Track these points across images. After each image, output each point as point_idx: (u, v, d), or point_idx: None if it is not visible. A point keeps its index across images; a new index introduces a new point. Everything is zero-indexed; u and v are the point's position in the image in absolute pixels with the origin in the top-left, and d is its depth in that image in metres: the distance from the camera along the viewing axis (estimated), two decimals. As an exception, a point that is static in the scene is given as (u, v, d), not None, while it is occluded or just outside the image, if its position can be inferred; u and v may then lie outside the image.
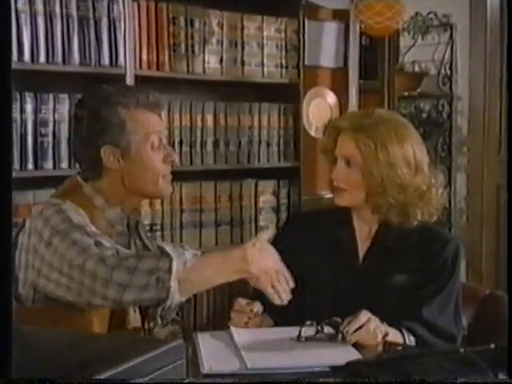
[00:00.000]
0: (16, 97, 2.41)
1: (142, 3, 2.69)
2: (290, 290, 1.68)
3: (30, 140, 2.46)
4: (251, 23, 3.01)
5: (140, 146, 1.77)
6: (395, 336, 1.79)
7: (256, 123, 3.05)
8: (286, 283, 1.67)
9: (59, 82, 2.59)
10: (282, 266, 1.68)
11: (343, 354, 1.61)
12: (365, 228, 1.99)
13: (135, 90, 1.84)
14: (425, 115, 4.09)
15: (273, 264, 1.66)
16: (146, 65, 2.70)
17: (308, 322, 1.72)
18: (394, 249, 1.94)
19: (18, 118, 2.42)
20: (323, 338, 1.70)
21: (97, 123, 1.75)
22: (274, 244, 2.13)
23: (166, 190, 1.83)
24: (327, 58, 3.28)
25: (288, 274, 1.68)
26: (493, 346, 1.53)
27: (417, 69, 4.08)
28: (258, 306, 1.84)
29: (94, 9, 2.55)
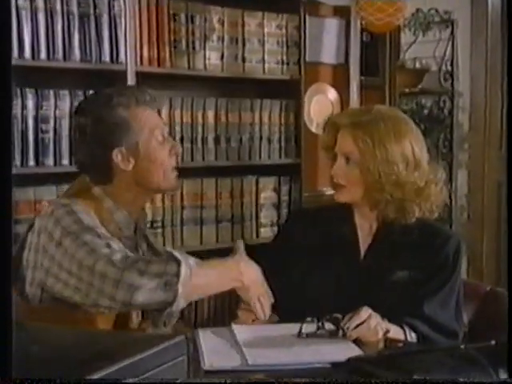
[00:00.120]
0: (17, 93, 2.41)
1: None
2: (271, 306, 1.77)
3: (30, 136, 2.45)
4: (252, 19, 3.00)
5: (147, 143, 1.77)
6: (396, 332, 1.79)
7: (257, 120, 3.04)
8: (268, 298, 1.76)
9: (60, 79, 2.59)
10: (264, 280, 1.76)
11: (344, 351, 1.61)
12: (366, 224, 1.99)
13: (132, 88, 1.84)
14: (426, 111, 4.08)
15: (259, 277, 1.75)
16: (146, 61, 2.70)
17: (309, 319, 1.72)
18: (395, 245, 1.94)
19: (19, 114, 2.42)
20: (324, 334, 1.70)
21: (102, 128, 1.75)
22: (275, 241, 2.14)
23: (176, 182, 1.85)
24: (328, 54, 3.28)
25: (269, 290, 1.77)
26: (493, 342, 1.52)
27: (418, 65, 4.07)
28: None
29: (95, 5, 2.55)
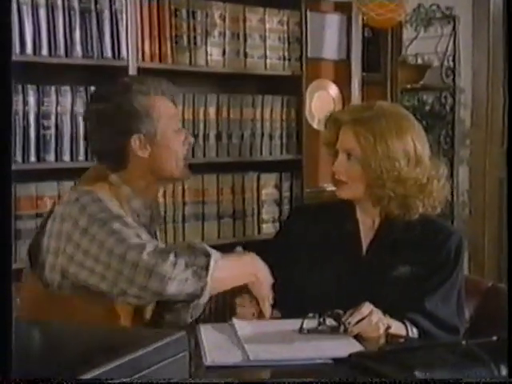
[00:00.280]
0: (18, 89, 2.41)
1: (144, -5, 2.69)
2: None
3: (32, 132, 2.45)
4: (253, 15, 3.00)
5: (164, 131, 1.78)
6: (398, 328, 1.79)
7: (258, 116, 3.04)
8: (271, 298, 1.79)
9: (61, 75, 2.59)
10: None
11: (345, 346, 1.61)
12: (368, 220, 1.99)
13: (150, 78, 1.85)
14: (428, 107, 4.08)
15: (268, 275, 1.78)
16: (148, 57, 2.70)
17: (310, 314, 1.72)
18: (397, 241, 1.94)
19: (21, 110, 2.42)
20: (325, 330, 1.70)
21: (122, 114, 1.74)
22: (277, 237, 2.14)
23: (187, 171, 1.86)
24: (330, 50, 3.28)
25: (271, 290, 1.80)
26: (495, 338, 1.52)
27: (420, 61, 4.07)
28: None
29: (96, 1, 2.55)
